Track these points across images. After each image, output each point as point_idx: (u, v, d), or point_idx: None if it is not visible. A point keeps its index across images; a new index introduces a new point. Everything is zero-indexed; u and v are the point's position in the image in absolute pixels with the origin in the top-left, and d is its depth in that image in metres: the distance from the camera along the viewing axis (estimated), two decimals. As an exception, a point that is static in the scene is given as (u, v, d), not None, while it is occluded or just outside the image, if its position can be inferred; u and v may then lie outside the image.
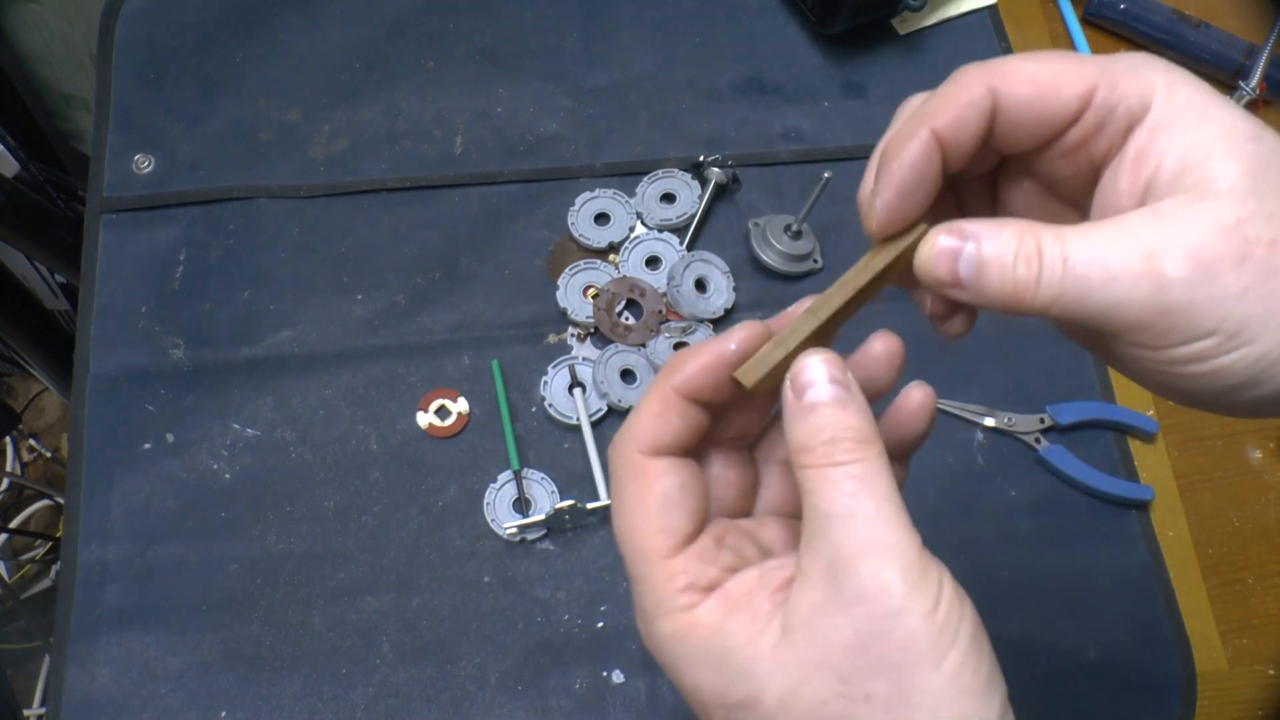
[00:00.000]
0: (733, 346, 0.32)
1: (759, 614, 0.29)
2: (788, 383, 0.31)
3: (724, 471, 0.34)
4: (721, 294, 0.69)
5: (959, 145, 0.30)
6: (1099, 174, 0.30)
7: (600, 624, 0.61)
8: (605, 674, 0.60)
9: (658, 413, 0.32)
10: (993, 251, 0.29)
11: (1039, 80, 0.29)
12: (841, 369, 0.30)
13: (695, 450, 0.33)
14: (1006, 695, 0.28)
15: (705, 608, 0.30)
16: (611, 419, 0.66)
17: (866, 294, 0.32)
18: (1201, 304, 0.26)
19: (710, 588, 0.30)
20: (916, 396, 0.33)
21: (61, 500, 1.06)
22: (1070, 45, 0.84)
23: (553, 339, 0.69)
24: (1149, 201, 0.28)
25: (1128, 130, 0.29)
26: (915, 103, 0.32)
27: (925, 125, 0.30)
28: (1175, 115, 0.28)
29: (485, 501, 0.64)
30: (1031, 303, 0.28)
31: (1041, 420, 0.67)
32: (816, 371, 0.30)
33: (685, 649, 0.30)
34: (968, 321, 0.33)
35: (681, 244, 0.71)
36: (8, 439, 1.43)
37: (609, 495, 0.63)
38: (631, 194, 0.73)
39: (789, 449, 0.30)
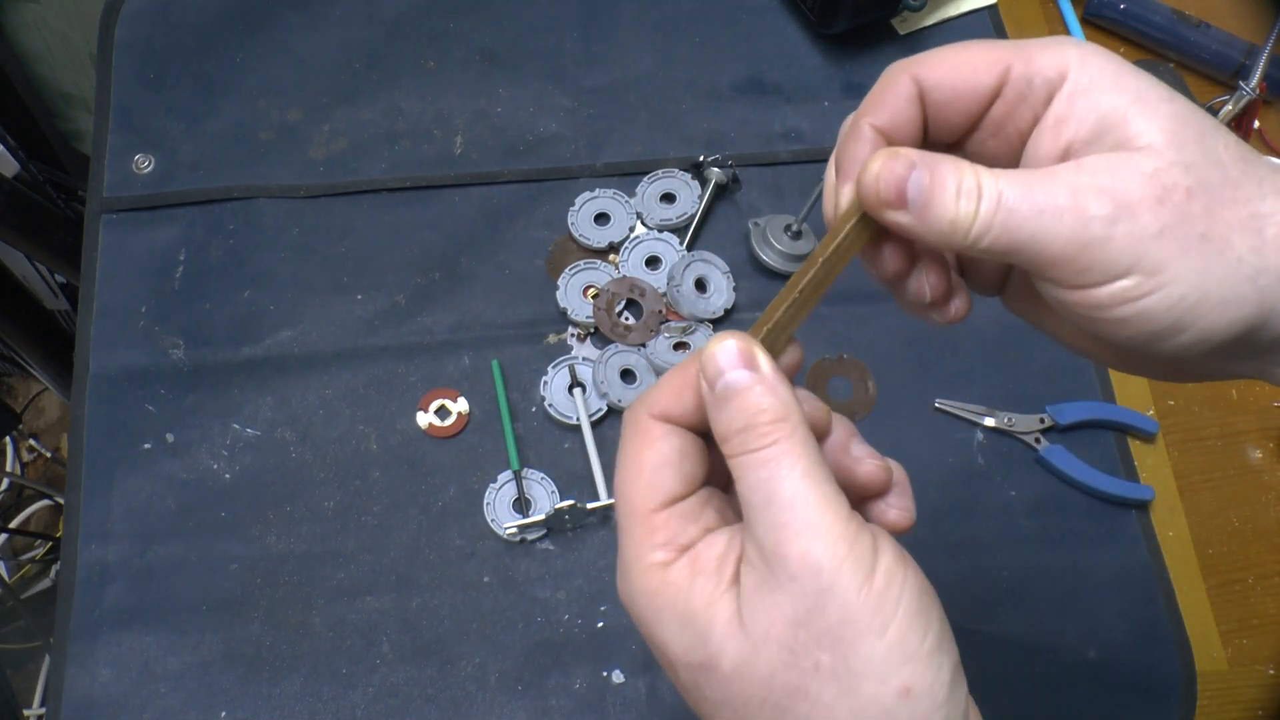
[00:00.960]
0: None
1: (721, 580, 0.30)
2: (700, 375, 0.31)
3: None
4: (721, 294, 0.69)
5: (897, 132, 0.32)
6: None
7: (600, 624, 0.61)
8: (605, 674, 0.60)
9: (677, 389, 0.32)
10: (939, 181, 0.30)
11: (955, 61, 0.31)
12: (748, 352, 0.30)
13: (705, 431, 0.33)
14: (959, 662, 0.28)
15: (677, 566, 0.30)
16: (611, 419, 0.66)
17: (832, 271, 0.32)
18: (1120, 240, 0.28)
19: (687, 547, 0.31)
20: (891, 517, 0.34)
21: (61, 500, 1.06)
22: (1070, 45, 0.84)
23: (553, 339, 0.69)
24: (1069, 160, 0.30)
25: (1048, 100, 0.30)
26: (850, 121, 0.34)
27: (864, 122, 0.32)
28: (1091, 82, 0.30)
29: (485, 501, 0.64)
30: (966, 233, 0.29)
31: (1041, 420, 0.67)
32: (723, 359, 0.30)
33: (655, 605, 0.30)
34: (966, 300, 0.34)
35: (681, 244, 0.71)
36: (8, 439, 1.43)
37: (610, 484, 0.63)
38: (631, 194, 0.73)
39: (719, 444, 0.31)
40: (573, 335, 0.69)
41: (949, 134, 0.33)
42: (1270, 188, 0.29)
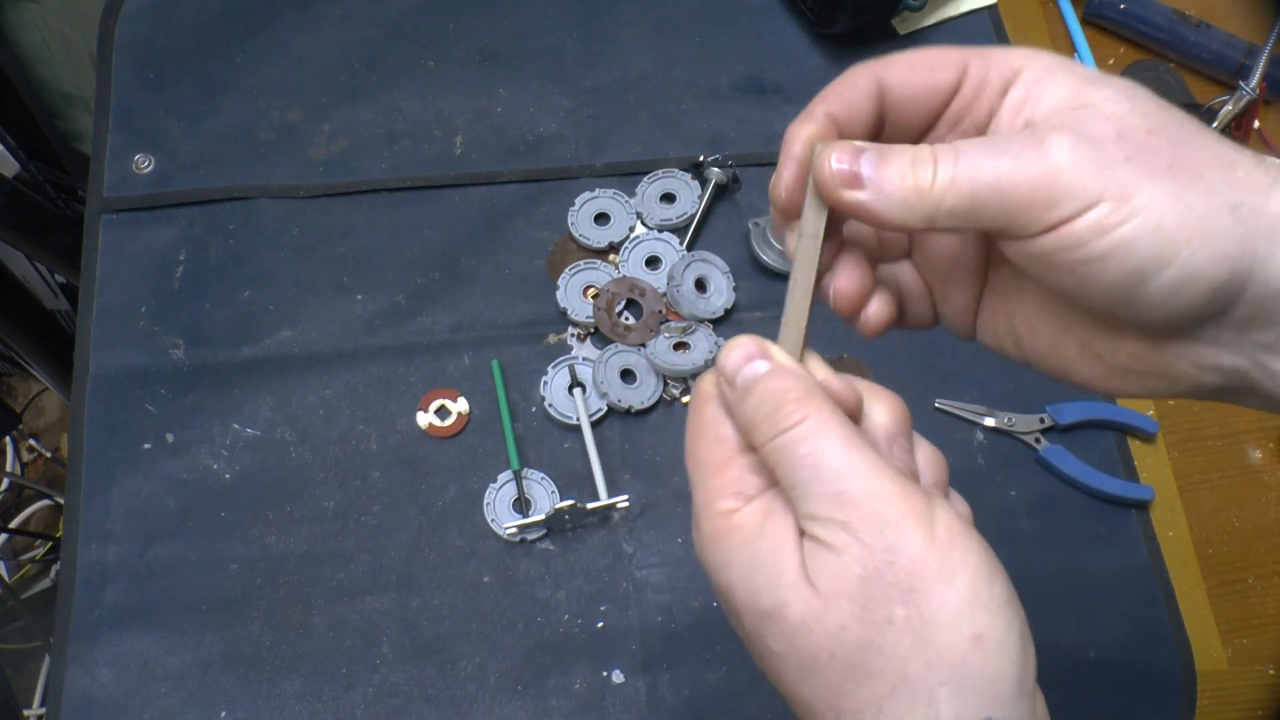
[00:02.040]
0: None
1: (790, 527, 0.30)
2: (722, 381, 0.32)
3: None
4: (721, 294, 0.69)
5: (852, 122, 0.32)
6: None
7: (600, 624, 0.61)
8: (605, 674, 0.60)
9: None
10: (893, 154, 0.30)
11: (916, 62, 0.32)
12: (758, 344, 0.31)
13: None
14: (1026, 623, 0.29)
15: (745, 512, 0.31)
16: (611, 419, 0.66)
17: (821, 263, 0.33)
18: (1086, 166, 0.27)
19: (754, 497, 0.31)
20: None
21: (61, 500, 1.06)
22: (1070, 45, 0.84)
23: (553, 339, 0.69)
24: None
25: (1004, 91, 0.31)
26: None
27: (818, 107, 0.32)
28: (1045, 69, 0.30)
29: (485, 501, 0.64)
30: (928, 196, 0.29)
31: (1041, 420, 0.67)
32: (739, 354, 0.31)
33: (722, 550, 0.31)
34: (883, 308, 0.34)
35: (681, 244, 0.71)
36: (8, 439, 1.43)
37: (609, 484, 0.63)
38: (631, 194, 0.73)
39: (746, 438, 0.31)
40: (573, 335, 0.69)
41: (908, 131, 0.33)
42: (1232, 147, 0.29)
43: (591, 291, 0.69)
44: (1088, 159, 0.27)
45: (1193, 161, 0.28)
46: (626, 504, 0.63)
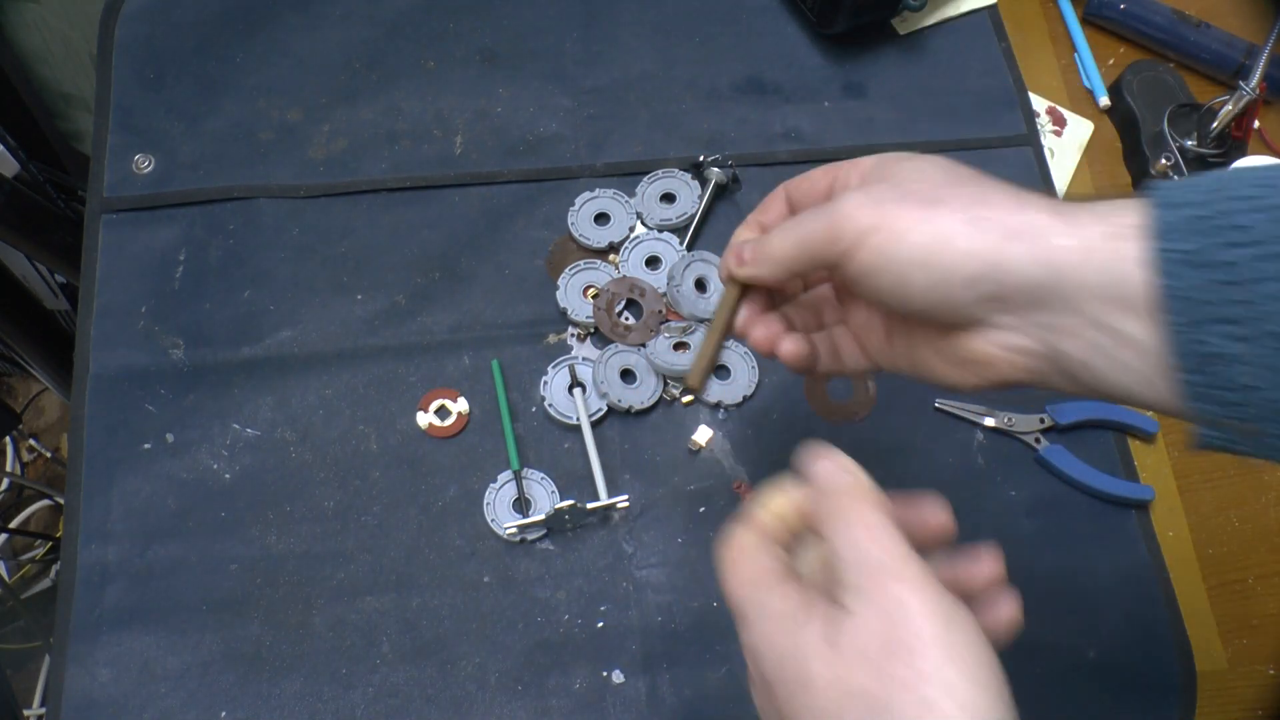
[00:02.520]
0: None
1: (827, 606, 0.35)
2: (811, 494, 0.38)
3: None
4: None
5: (772, 224, 0.45)
6: None
7: (600, 624, 0.61)
8: (605, 674, 0.60)
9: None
10: (760, 241, 0.44)
11: (810, 176, 0.46)
12: (838, 460, 0.38)
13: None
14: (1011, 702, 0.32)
15: (797, 602, 0.36)
16: (611, 418, 0.66)
17: (727, 320, 0.47)
18: (859, 209, 0.39)
19: (800, 598, 0.36)
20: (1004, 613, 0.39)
21: (61, 500, 1.06)
22: (1070, 45, 0.84)
23: (553, 339, 0.69)
24: None
25: (857, 182, 0.44)
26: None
27: (753, 217, 0.49)
28: (880, 161, 0.43)
29: (485, 501, 0.64)
30: (775, 256, 0.43)
31: (1041, 420, 0.67)
32: (830, 467, 0.38)
33: (785, 639, 0.36)
34: (794, 346, 0.45)
35: (681, 244, 0.71)
36: (8, 439, 1.43)
37: (609, 483, 0.63)
38: (631, 194, 0.73)
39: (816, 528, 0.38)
40: (573, 335, 0.69)
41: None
42: (998, 187, 0.38)
43: (591, 291, 0.69)
44: (862, 204, 0.39)
45: (947, 196, 0.38)
46: (626, 504, 0.63)
